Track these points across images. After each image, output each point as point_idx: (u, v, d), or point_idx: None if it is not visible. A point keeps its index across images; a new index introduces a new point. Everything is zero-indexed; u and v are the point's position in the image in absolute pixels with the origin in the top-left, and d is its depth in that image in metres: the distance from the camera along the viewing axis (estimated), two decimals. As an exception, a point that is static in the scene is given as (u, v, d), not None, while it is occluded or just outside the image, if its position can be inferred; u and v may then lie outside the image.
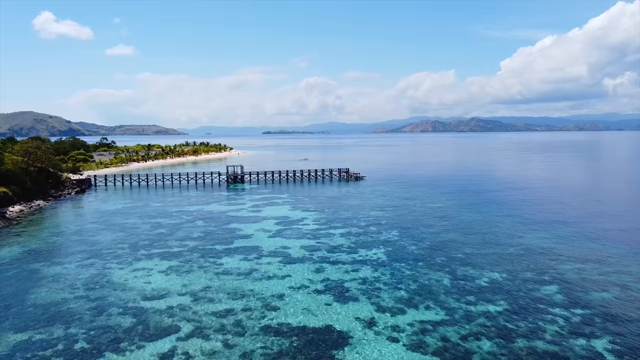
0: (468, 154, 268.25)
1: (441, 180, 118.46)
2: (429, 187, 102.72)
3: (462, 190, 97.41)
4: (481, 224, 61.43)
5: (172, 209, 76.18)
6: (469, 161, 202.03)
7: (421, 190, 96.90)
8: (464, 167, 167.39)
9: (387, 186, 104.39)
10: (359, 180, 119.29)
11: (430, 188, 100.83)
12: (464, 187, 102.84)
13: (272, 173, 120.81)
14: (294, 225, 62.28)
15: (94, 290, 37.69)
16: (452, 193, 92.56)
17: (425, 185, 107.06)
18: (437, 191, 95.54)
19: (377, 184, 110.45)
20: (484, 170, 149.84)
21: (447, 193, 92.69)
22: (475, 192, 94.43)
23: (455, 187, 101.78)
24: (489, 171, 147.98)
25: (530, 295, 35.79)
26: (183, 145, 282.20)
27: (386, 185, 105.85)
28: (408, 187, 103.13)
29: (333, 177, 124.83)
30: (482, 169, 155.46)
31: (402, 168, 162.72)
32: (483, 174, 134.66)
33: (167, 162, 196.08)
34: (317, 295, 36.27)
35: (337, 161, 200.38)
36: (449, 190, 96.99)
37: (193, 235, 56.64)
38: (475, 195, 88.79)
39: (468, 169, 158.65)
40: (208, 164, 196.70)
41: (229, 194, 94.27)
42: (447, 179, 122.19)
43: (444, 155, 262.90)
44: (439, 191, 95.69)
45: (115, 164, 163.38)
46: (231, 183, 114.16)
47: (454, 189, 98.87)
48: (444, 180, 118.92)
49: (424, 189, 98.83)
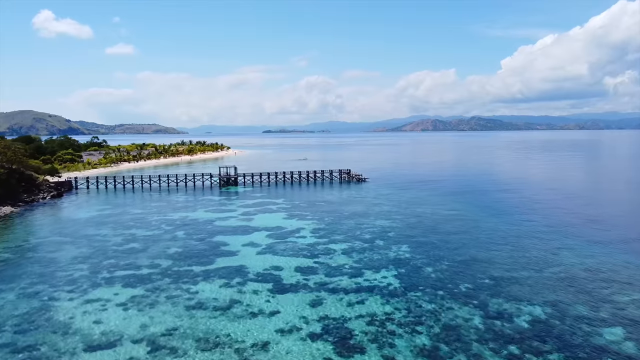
0: (472, 153, 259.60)
1: (448, 181, 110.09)
2: (437, 189, 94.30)
3: (473, 192, 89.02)
4: (504, 235, 53.08)
5: (153, 217, 67.82)
6: (474, 160, 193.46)
7: (429, 194, 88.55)
8: (470, 166, 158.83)
9: (391, 189, 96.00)
10: (361, 182, 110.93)
11: (438, 190, 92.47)
12: (474, 188, 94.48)
13: (268, 175, 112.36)
14: (288, 238, 53.94)
15: (26, 334, 29.35)
16: (463, 195, 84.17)
17: (433, 187, 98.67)
18: (446, 194, 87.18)
19: (380, 186, 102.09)
20: (492, 170, 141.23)
21: (457, 195, 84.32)
22: (487, 193, 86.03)
23: (465, 189, 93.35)
24: (498, 171, 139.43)
25: (590, 343, 27.44)
26: (178, 145, 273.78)
27: (391, 188, 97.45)
28: (414, 189, 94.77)
29: (334, 179, 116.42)
30: (491, 169, 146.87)
31: (405, 168, 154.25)
32: (492, 174, 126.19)
33: (160, 162, 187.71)
34: (312, 342, 27.94)
35: (337, 161, 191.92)
36: (459, 192, 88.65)
37: (169, 251, 48.32)
38: (488, 198, 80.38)
39: (474, 168, 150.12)
40: (204, 163, 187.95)
41: (219, 199, 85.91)
42: (454, 180, 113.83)
43: (447, 154, 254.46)
44: (449, 194, 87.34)
45: (104, 165, 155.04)
46: (224, 186, 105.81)
47: (464, 191, 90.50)
48: (452, 181, 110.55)
49: (431, 192, 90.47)
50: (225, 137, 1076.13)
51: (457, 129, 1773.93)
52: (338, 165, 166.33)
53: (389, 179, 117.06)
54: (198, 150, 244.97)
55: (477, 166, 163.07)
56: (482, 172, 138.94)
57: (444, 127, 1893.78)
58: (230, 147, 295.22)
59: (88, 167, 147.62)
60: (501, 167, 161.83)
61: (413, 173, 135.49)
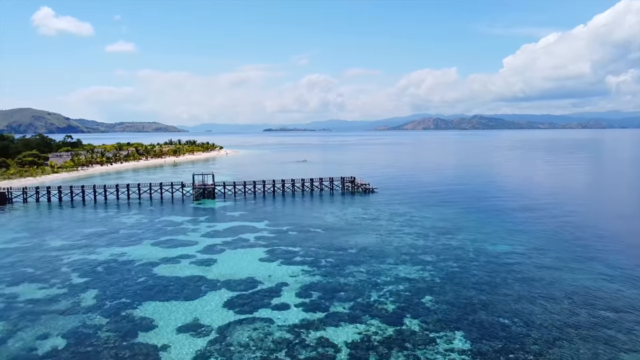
0: (481, 153, 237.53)
1: (475, 192, 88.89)
2: (465, 205, 72.94)
3: (505, 209, 67.48)
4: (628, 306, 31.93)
5: (71, 256, 46.66)
6: (489, 163, 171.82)
7: (456, 211, 67.42)
8: (490, 171, 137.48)
9: (408, 204, 74.78)
10: (369, 193, 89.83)
11: (464, 205, 71.28)
12: (504, 202, 72.99)
13: (254, 184, 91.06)
14: (259, 309, 32.77)
15: None
16: (497, 213, 62.69)
17: (458, 201, 77.44)
18: (477, 211, 66.04)
19: (393, 199, 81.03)
20: (519, 177, 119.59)
21: (489, 213, 62.91)
22: (534, 210, 64.38)
23: (503, 204, 71.74)
24: (524, 178, 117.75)
25: None
26: (166, 144, 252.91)
27: (406, 203, 76.24)
28: (436, 204, 73.52)
29: (335, 189, 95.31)
30: (515, 175, 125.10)
31: (417, 173, 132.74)
32: (520, 181, 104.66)
33: (139, 165, 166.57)
34: None
35: (339, 164, 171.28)
36: (490, 208, 67.31)
37: (48, 343, 27.26)
38: (544, 220, 58.85)
39: (496, 173, 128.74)
40: (192, 166, 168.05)
41: (182, 220, 64.81)
42: (480, 190, 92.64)
43: (457, 155, 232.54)
44: (480, 211, 66.22)
45: (69, 168, 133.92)
46: (197, 199, 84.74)
47: (493, 206, 69.05)
48: (479, 192, 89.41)
49: (458, 208, 69.31)
50: (225, 135, 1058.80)
51: (459, 128, 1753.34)
52: (340, 168, 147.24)
53: (401, 188, 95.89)
54: (186, 151, 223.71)
55: (494, 170, 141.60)
56: (512, 179, 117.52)
57: (446, 126, 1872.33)
58: (222, 147, 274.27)
59: (49, 170, 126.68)
60: (522, 172, 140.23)
61: (427, 179, 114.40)
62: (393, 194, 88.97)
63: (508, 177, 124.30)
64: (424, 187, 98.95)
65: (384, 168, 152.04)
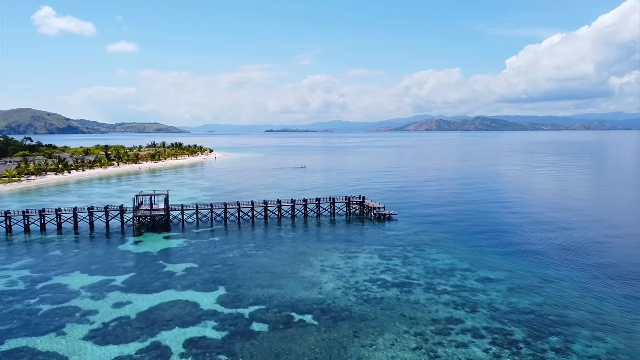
0: (498, 157, 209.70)
1: (526, 217, 62.87)
2: (536, 245, 46.80)
3: (587, 250, 41.47)
4: None
5: None
6: (513, 170, 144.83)
7: (537, 264, 41.34)
8: (523, 180, 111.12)
9: (445, 245, 48.72)
10: (385, 221, 64.08)
11: (544, 255, 45.23)
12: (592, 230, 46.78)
13: (226, 208, 65.14)
14: None
15: None
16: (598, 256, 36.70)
17: (514, 233, 51.29)
18: (568, 268, 40.01)
19: (420, 232, 55.84)
20: (560, 189, 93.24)
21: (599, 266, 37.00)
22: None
23: (582, 234, 45.65)
24: (572, 192, 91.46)
25: None
26: (149, 147, 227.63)
27: (444, 244, 50.11)
28: (489, 244, 47.41)
29: (339, 213, 69.61)
30: (555, 188, 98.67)
31: (438, 186, 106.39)
32: (569, 198, 78.63)
33: (106, 173, 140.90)
34: None
35: (342, 171, 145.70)
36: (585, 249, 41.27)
37: None
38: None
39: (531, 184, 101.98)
40: (175, 172, 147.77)
41: (84, 285, 39.07)
42: (529, 212, 66.40)
43: (474, 160, 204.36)
44: (575, 260, 40.15)
45: (9, 179, 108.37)
46: (141, 231, 59.06)
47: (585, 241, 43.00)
48: (529, 215, 63.50)
49: (541, 262, 43.25)
50: (226, 136, 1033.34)
51: (462, 129, 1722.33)
52: (343, 178, 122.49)
53: (428, 213, 69.97)
54: (169, 155, 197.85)
55: (527, 179, 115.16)
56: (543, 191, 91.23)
57: (449, 127, 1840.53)
58: (212, 150, 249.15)
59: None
60: (560, 183, 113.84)
61: (452, 191, 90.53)
62: (417, 221, 63.34)
63: (546, 190, 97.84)
64: (453, 207, 73.54)
65: (396, 177, 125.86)
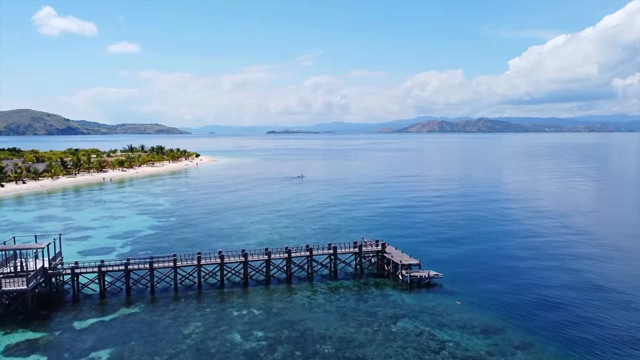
0: (518, 163, 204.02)
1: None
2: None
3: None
4: None
5: None
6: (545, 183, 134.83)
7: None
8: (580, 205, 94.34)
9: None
10: (423, 287, 41.04)
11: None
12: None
13: (152, 268, 41.35)
14: None
15: None
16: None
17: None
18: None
19: (503, 328, 32.42)
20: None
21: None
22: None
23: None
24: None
25: None
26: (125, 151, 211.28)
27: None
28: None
29: (345, 269, 46.66)
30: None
31: (478, 212, 78.84)
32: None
33: (54, 185, 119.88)
34: None
35: (345, 185, 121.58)
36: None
37: None
38: None
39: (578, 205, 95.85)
40: (141, 183, 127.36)
41: None
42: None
43: (500, 169, 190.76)
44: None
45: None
46: (9, 311, 35.62)
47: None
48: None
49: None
50: (227, 137, 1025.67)
51: (464, 131, 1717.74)
52: (346, 194, 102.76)
53: (480, 266, 47.37)
54: (143, 161, 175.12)
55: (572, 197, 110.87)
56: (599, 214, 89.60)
57: (451, 129, 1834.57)
58: (199, 154, 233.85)
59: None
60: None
61: (501, 220, 71.03)
62: (483, 299, 38.08)
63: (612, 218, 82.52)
64: (534, 266, 47.77)
65: (415, 194, 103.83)
